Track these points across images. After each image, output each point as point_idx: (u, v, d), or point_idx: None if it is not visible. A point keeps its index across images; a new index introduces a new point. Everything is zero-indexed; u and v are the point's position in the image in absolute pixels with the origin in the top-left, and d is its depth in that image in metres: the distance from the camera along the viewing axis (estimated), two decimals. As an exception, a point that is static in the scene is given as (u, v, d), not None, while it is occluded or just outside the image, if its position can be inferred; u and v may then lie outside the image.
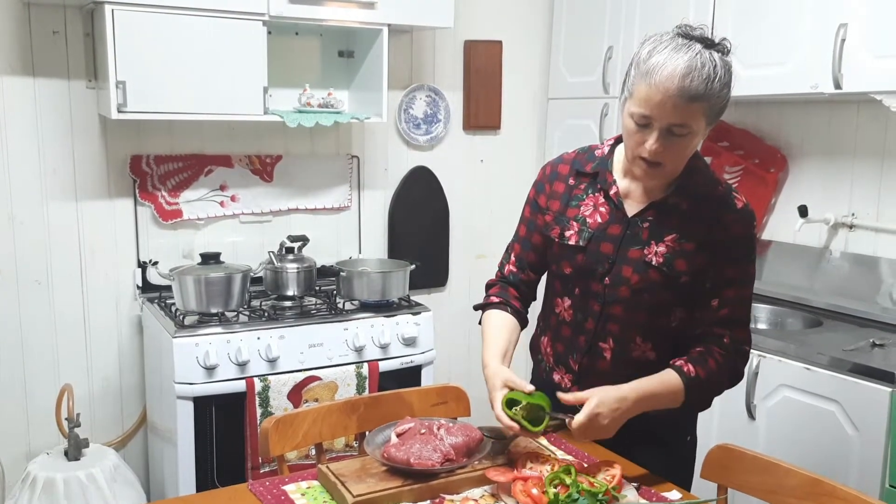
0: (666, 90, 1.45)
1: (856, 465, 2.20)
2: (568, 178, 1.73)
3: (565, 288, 1.73)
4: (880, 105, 2.33)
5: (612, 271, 1.64)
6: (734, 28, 2.69)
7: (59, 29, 2.69)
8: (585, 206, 1.69)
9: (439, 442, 1.55)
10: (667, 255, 1.60)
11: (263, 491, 1.52)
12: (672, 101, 1.45)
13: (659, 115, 1.47)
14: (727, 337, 1.64)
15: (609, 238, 1.65)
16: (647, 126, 1.50)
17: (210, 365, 2.48)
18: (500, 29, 3.48)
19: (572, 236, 1.68)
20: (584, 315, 1.69)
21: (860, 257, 2.74)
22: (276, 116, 2.77)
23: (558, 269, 1.72)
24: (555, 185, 1.74)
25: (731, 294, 1.63)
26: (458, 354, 3.58)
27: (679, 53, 1.46)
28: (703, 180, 1.64)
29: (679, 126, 1.48)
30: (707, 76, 1.45)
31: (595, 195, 1.68)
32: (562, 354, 1.76)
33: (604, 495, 1.40)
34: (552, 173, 1.76)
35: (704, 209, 1.62)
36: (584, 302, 1.69)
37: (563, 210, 1.71)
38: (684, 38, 1.49)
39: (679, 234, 1.61)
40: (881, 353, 2.32)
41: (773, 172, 2.99)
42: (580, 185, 1.71)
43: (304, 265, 2.87)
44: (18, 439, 2.79)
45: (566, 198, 1.71)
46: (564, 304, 1.73)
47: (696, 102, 1.46)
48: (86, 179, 2.80)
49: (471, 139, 3.51)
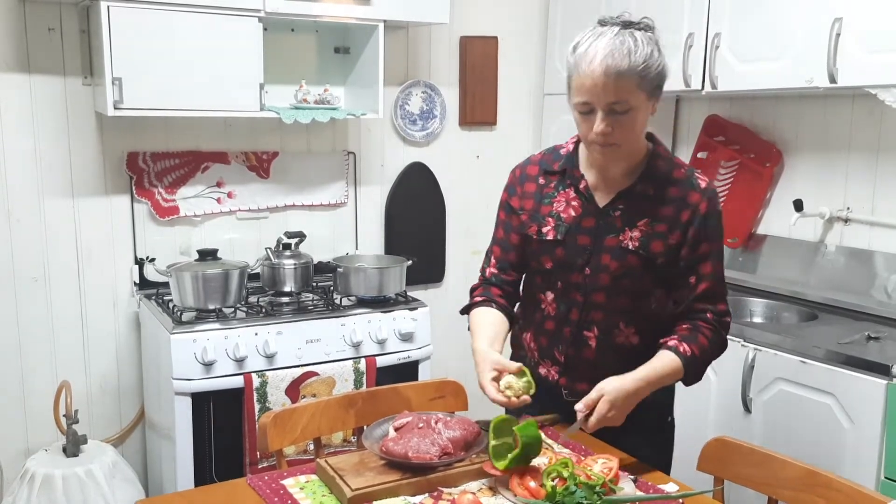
0: (593, 73, 1.55)
1: (851, 457, 2.21)
2: (538, 178, 1.79)
3: (547, 282, 1.77)
4: (875, 99, 2.34)
5: (590, 261, 1.70)
6: (729, 23, 2.70)
7: (54, 26, 2.69)
8: (558, 203, 1.75)
9: (437, 436, 1.56)
10: (642, 239, 1.67)
11: (262, 485, 1.53)
12: (601, 82, 1.54)
13: (595, 98, 1.57)
14: (709, 312, 1.70)
15: (584, 230, 1.71)
16: (591, 112, 1.60)
17: (208, 361, 2.48)
18: (496, 25, 3.49)
19: (549, 231, 1.73)
20: (568, 306, 1.74)
21: (855, 251, 2.75)
22: (273, 113, 2.77)
23: (539, 265, 1.77)
24: (525, 186, 1.80)
25: (708, 270, 1.70)
26: (455, 349, 3.57)
27: (599, 39, 1.57)
28: (665, 165, 1.72)
29: (617, 103, 1.57)
30: (627, 51, 1.55)
31: (566, 191, 1.75)
32: (546, 348, 1.80)
33: (601, 488, 1.41)
34: (522, 175, 1.82)
35: (670, 192, 1.69)
36: (566, 294, 1.74)
37: (536, 208, 1.77)
38: (602, 24, 1.61)
39: (650, 218, 1.68)
40: (876, 345, 2.33)
41: (768, 167, 3.00)
42: (550, 184, 1.77)
43: (301, 261, 2.87)
44: (17, 436, 2.79)
45: (538, 196, 1.78)
46: (548, 299, 1.78)
47: (623, 78, 1.55)
48: (82, 176, 2.80)
49: (467, 135, 3.51)
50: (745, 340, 2.50)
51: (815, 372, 2.30)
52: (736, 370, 2.50)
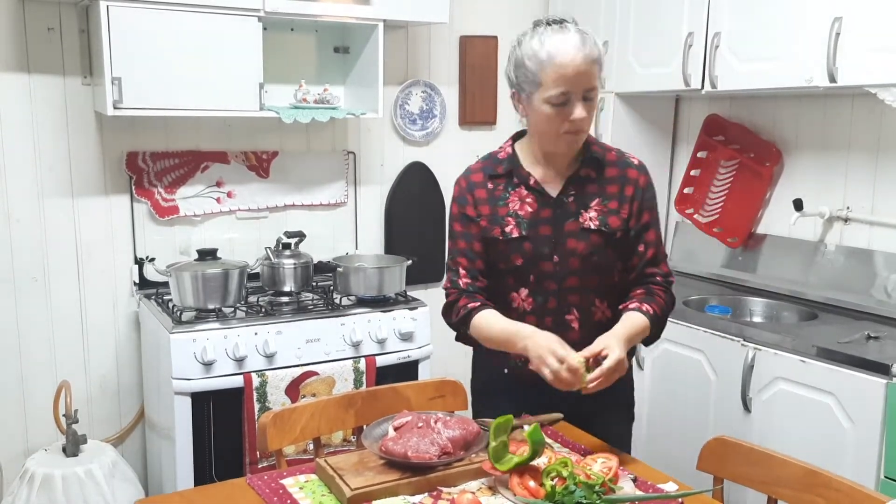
0: (574, 61, 1.68)
1: (851, 456, 2.21)
2: (486, 184, 1.84)
3: (519, 280, 1.82)
4: (875, 98, 2.34)
5: (557, 248, 1.79)
6: (729, 22, 2.70)
7: (54, 25, 2.69)
8: (512, 203, 1.81)
9: (437, 435, 1.56)
10: (600, 218, 1.80)
11: (262, 485, 1.53)
12: (583, 69, 1.68)
13: (575, 85, 1.68)
14: (658, 275, 1.86)
15: (544, 221, 1.80)
16: (567, 102, 1.70)
17: (207, 360, 2.48)
18: (496, 24, 3.48)
19: (512, 230, 1.80)
20: (544, 297, 1.81)
21: (855, 250, 2.75)
22: (272, 112, 2.77)
23: (508, 265, 1.81)
24: (476, 193, 1.84)
25: (652, 237, 1.85)
26: (454, 349, 3.57)
27: (566, 34, 1.72)
28: (599, 149, 1.86)
29: (590, 90, 1.71)
30: (594, 41, 1.73)
31: (516, 190, 1.82)
32: None
33: (600, 487, 1.41)
34: (468, 185, 1.85)
35: (610, 171, 1.83)
36: (539, 286, 1.81)
37: (493, 212, 1.82)
38: (556, 24, 1.76)
39: (601, 198, 1.81)
40: (876, 345, 2.33)
41: (768, 166, 3.00)
42: (498, 187, 1.83)
43: (301, 261, 2.88)
44: (16, 436, 2.79)
45: (492, 201, 1.83)
46: (522, 295, 1.83)
47: (595, 65, 1.71)
48: (82, 176, 2.80)
49: (466, 135, 3.51)
50: (745, 340, 2.50)
51: (815, 371, 2.30)
52: (736, 370, 2.50)
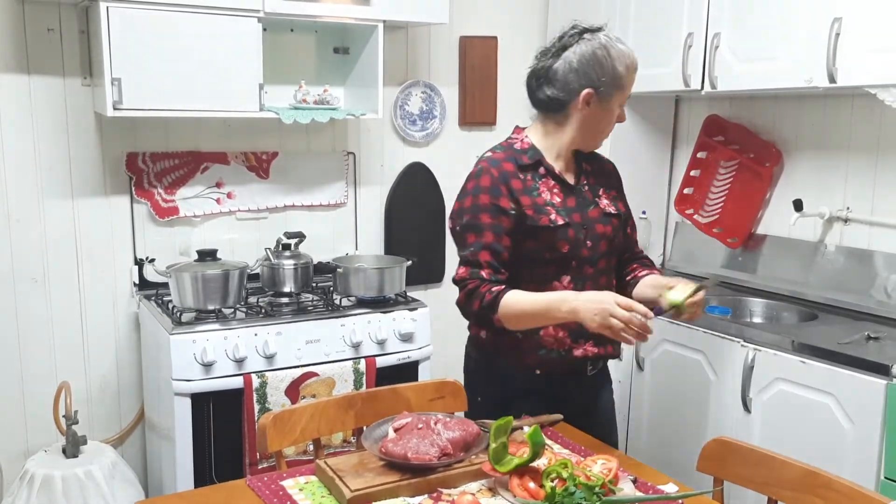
0: (636, 68, 1.86)
1: (851, 457, 2.21)
2: (518, 174, 1.85)
3: (562, 268, 1.86)
4: (874, 99, 2.34)
5: (589, 234, 1.88)
6: (729, 22, 2.70)
7: (53, 26, 2.69)
8: (543, 192, 1.86)
9: (436, 437, 1.56)
10: (612, 203, 1.95)
11: (262, 486, 1.53)
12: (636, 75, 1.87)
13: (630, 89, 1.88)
14: (641, 255, 2.08)
15: (573, 209, 1.88)
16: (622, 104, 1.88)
17: (207, 361, 2.48)
18: (496, 25, 3.48)
19: (557, 218, 1.84)
20: (583, 282, 1.87)
21: (855, 251, 2.75)
22: (272, 113, 2.77)
23: (554, 253, 1.84)
24: (511, 183, 1.83)
25: (632, 220, 2.05)
26: (454, 350, 3.57)
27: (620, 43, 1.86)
28: None
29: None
30: None
31: (544, 180, 1.87)
32: (577, 329, 1.82)
33: (600, 488, 1.41)
34: (501, 175, 1.83)
35: (598, 163, 2.01)
36: (579, 271, 1.87)
37: (534, 201, 1.84)
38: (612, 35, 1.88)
39: (603, 187, 1.96)
40: (876, 345, 2.34)
41: (767, 167, 3.00)
42: (528, 177, 1.86)
43: (301, 262, 2.87)
44: (16, 437, 2.79)
45: (527, 191, 1.85)
46: (564, 282, 1.86)
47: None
48: (82, 177, 2.80)
49: (466, 135, 3.51)
50: (745, 340, 2.50)
51: (815, 372, 2.30)
52: (736, 370, 2.50)
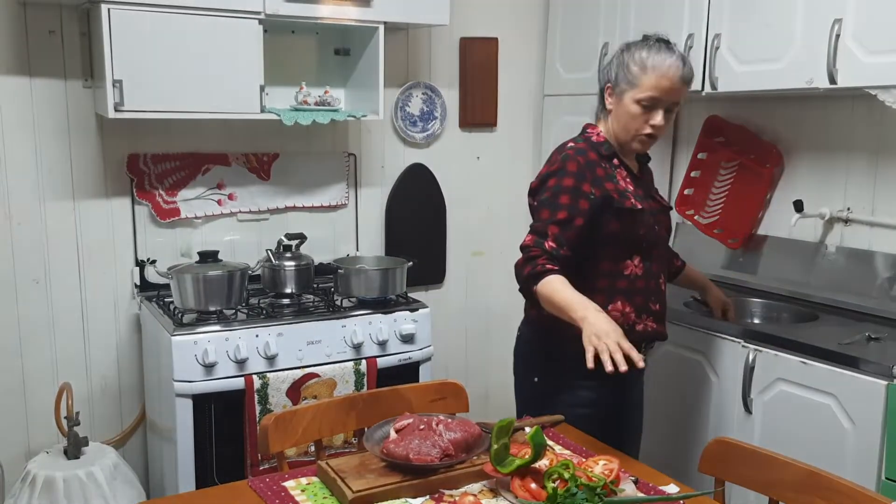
0: (672, 76, 1.95)
1: (852, 458, 2.21)
2: (601, 163, 2.02)
3: (634, 248, 2.02)
4: (875, 100, 2.34)
5: (657, 220, 2.09)
6: (729, 23, 2.70)
7: (55, 28, 2.69)
8: (620, 180, 2.03)
9: (438, 437, 1.56)
10: (663, 197, 2.22)
11: (263, 487, 1.53)
12: (678, 86, 1.97)
13: (666, 97, 1.96)
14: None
15: (642, 197, 2.06)
16: (653, 107, 1.97)
17: (209, 363, 2.49)
18: (496, 26, 3.49)
19: (637, 203, 2.02)
20: (651, 262, 2.06)
21: (855, 251, 2.75)
22: (273, 115, 2.77)
23: (632, 234, 2.01)
24: (595, 171, 1.99)
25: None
26: (455, 351, 3.59)
27: (671, 54, 1.98)
28: None
29: (675, 104, 2.00)
30: (691, 66, 2.01)
31: (619, 170, 2.05)
32: (642, 305, 2.04)
33: (602, 489, 1.41)
34: (586, 163, 1.99)
35: (647, 164, 2.21)
36: (649, 252, 2.06)
37: (616, 187, 2.00)
38: (664, 42, 2.00)
39: (651, 183, 2.19)
40: (877, 346, 2.33)
41: (768, 168, 3.00)
42: (608, 167, 2.03)
43: (302, 263, 2.88)
44: (18, 438, 2.80)
45: (608, 178, 2.01)
46: (634, 262, 2.03)
47: (686, 85, 2.00)
48: (83, 179, 2.80)
49: (467, 136, 3.52)
50: (746, 341, 2.50)
51: (816, 372, 2.30)
52: (736, 371, 2.50)
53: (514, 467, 1.47)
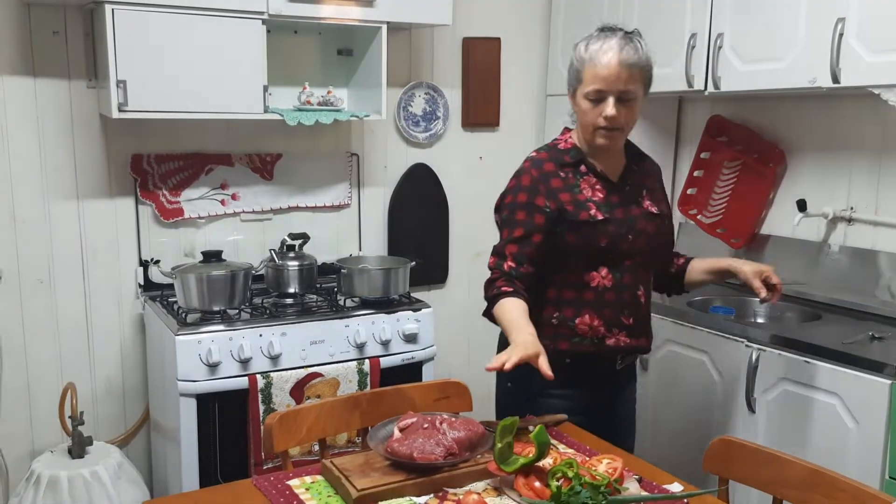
0: (610, 63, 1.85)
1: (855, 457, 2.21)
2: (558, 173, 1.96)
3: (598, 259, 1.95)
4: (878, 99, 2.34)
5: (631, 229, 1.97)
6: (732, 22, 2.70)
7: (59, 29, 2.70)
8: (585, 189, 1.96)
9: (442, 436, 1.56)
10: (655, 203, 2.05)
11: (268, 486, 1.54)
12: (616, 72, 1.85)
13: (610, 86, 1.86)
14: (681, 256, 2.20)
15: (616, 205, 1.97)
16: (601, 99, 1.88)
17: (213, 362, 2.49)
18: (499, 26, 3.49)
19: (597, 213, 1.93)
20: (621, 273, 1.97)
21: (859, 251, 2.75)
22: (276, 115, 2.77)
23: (592, 246, 1.94)
24: (550, 183, 1.94)
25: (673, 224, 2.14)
26: (458, 350, 3.59)
27: (610, 39, 1.88)
28: (631, 146, 2.08)
29: (626, 92, 1.87)
30: (636, 49, 1.88)
31: (585, 178, 1.97)
32: (611, 318, 1.97)
33: (606, 488, 1.41)
34: (541, 175, 1.96)
35: (644, 165, 2.10)
36: (618, 263, 1.97)
37: (574, 198, 1.94)
38: (607, 30, 1.91)
39: (647, 188, 2.05)
40: (880, 345, 2.33)
41: (771, 167, 3.00)
42: (569, 176, 1.97)
43: (305, 263, 2.88)
44: (22, 438, 2.80)
45: (568, 188, 1.95)
46: (601, 273, 1.96)
47: (633, 69, 1.87)
48: (87, 179, 2.81)
49: (470, 136, 3.52)
50: (749, 340, 2.50)
51: (819, 372, 2.30)
52: (740, 370, 2.51)
53: (518, 466, 1.47)
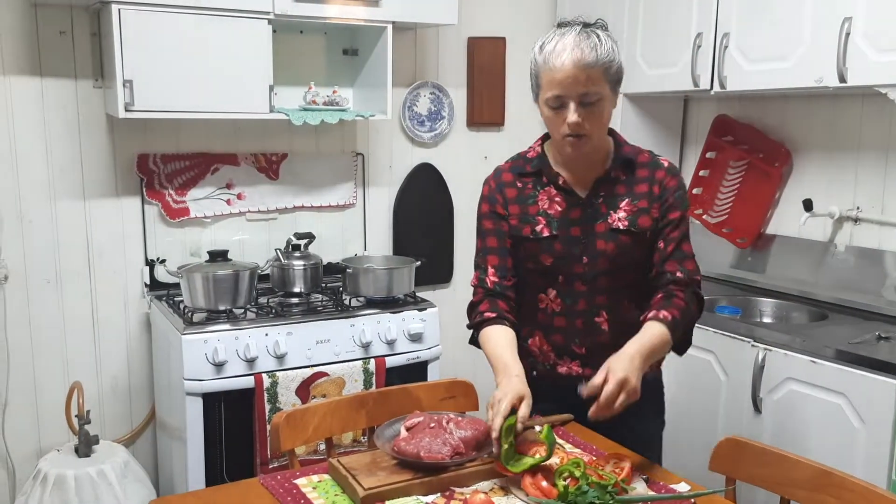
0: (563, 66, 1.65)
1: (862, 457, 2.21)
2: (515, 183, 1.84)
3: (547, 280, 1.81)
4: (885, 99, 2.34)
5: (587, 249, 1.78)
6: (738, 22, 2.70)
7: (65, 29, 2.71)
8: (542, 201, 1.81)
9: (448, 435, 1.56)
10: (629, 218, 1.77)
11: (275, 485, 1.54)
12: (573, 74, 1.64)
13: (568, 90, 1.66)
14: (679, 271, 1.77)
15: (574, 221, 1.79)
16: (562, 105, 1.68)
17: (218, 361, 2.49)
18: (504, 25, 3.49)
19: (543, 229, 1.79)
20: (573, 299, 1.80)
21: (865, 251, 2.74)
22: (282, 115, 2.78)
23: (537, 265, 1.81)
24: (506, 192, 1.84)
25: (676, 234, 1.79)
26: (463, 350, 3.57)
27: (564, 37, 1.67)
28: (631, 151, 1.83)
29: (587, 94, 1.66)
30: (593, 45, 1.66)
31: (545, 189, 1.82)
32: (562, 345, 1.82)
33: (613, 487, 1.41)
34: (498, 185, 1.86)
35: (640, 173, 1.81)
36: (568, 286, 1.80)
37: (524, 210, 1.82)
38: (564, 26, 1.71)
39: (630, 198, 1.79)
40: (887, 345, 2.33)
41: (777, 167, 3.00)
42: (527, 186, 1.83)
43: (311, 262, 2.88)
44: (29, 437, 2.81)
45: (521, 199, 1.83)
46: (550, 296, 1.82)
47: (591, 70, 1.65)
48: (93, 178, 2.81)
49: (475, 136, 3.52)
50: (755, 340, 2.50)
51: (826, 372, 2.30)
52: (746, 370, 2.50)
53: (526, 466, 1.47)
